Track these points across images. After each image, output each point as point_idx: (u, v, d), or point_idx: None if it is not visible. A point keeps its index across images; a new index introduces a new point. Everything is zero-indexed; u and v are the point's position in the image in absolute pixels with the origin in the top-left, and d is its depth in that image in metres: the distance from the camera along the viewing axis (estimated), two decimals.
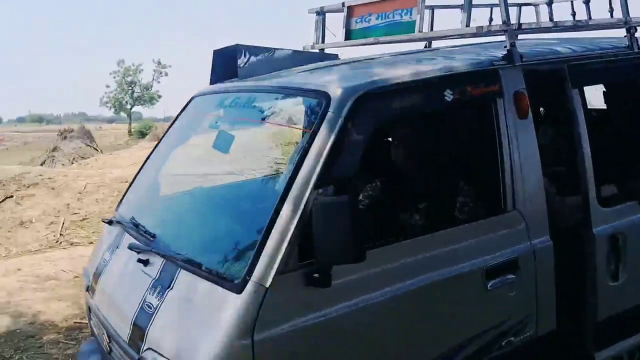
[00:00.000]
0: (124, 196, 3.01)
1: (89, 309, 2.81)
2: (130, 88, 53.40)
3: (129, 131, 46.01)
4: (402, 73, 2.27)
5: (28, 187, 9.59)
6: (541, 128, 3.81)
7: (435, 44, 3.50)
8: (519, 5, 3.64)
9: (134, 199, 2.92)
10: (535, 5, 3.81)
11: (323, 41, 3.33)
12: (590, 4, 3.05)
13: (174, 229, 2.55)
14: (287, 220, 1.94)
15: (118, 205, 3.00)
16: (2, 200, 9.13)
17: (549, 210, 2.50)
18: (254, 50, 2.81)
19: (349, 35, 3.11)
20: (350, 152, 2.04)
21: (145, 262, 2.35)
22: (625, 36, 2.90)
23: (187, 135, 2.91)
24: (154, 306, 2.18)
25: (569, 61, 2.65)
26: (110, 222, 2.88)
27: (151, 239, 2.42)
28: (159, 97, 54.81)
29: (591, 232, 2.60)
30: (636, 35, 2.88)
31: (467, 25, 2.45)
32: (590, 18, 2.78)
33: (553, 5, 3.63)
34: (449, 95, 2.28)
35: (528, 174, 2.43)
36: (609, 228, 2.63)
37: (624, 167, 2.93)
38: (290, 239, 1.93)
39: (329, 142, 2.02)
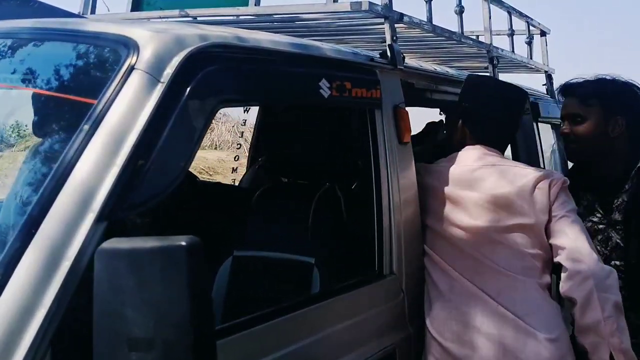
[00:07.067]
0: None
1: None
2: None
3: None
4: (263, 37, 1.37)
5: None
6: None
7: None
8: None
9: None
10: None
11: (93, 12, 2.22)
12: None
13: None
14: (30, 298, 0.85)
15: None
16: None
17: None
18: None
19: (138, 4, 2.09)
20: (175, 149, 1.05)
21: None
22: (543, 84, 2.96)
23: None
24: None
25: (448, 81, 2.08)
26: None
27: None
28: None
29: None
30: None
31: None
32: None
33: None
34: (325, 89, 1.44)
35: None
36: None
37: None
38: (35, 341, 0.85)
39: (136, 127, 1.00)
